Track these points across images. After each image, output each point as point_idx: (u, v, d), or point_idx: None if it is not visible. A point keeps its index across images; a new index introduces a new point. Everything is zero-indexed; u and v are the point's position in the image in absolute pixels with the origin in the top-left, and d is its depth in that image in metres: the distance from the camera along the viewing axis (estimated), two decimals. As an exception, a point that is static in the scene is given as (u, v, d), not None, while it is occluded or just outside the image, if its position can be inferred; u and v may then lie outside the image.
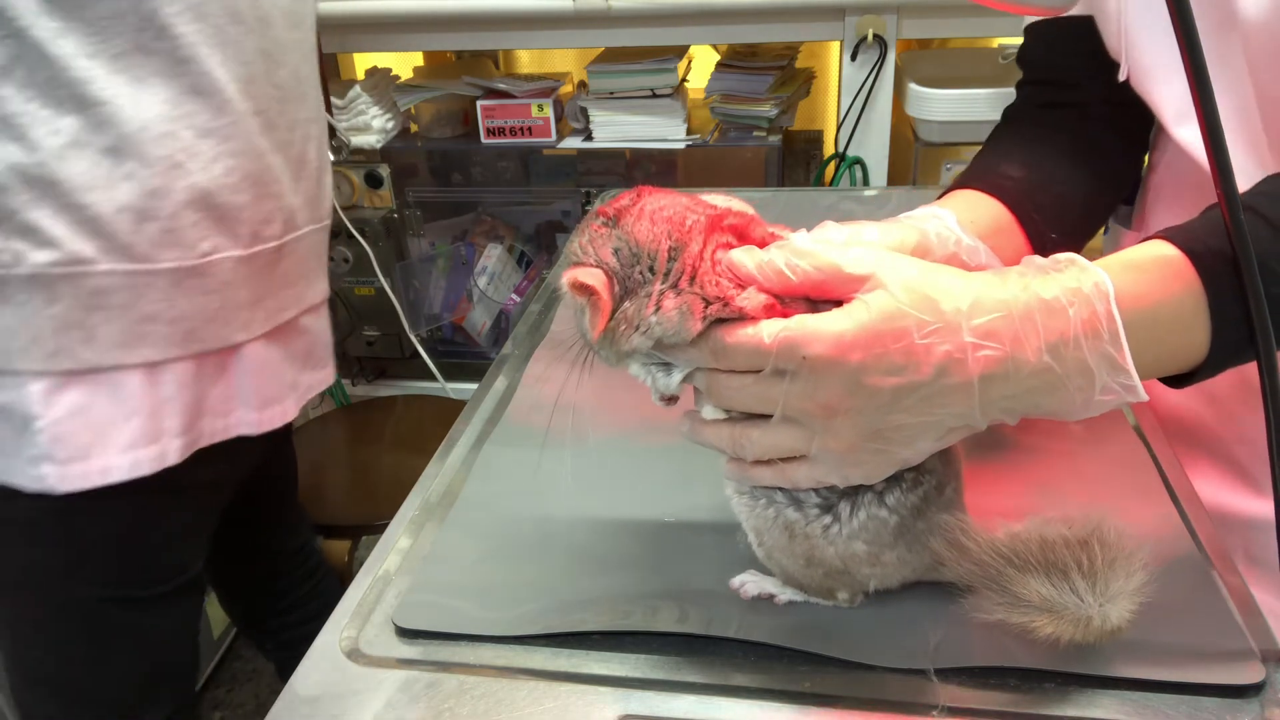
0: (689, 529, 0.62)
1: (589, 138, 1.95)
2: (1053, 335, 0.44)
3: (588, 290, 0.46)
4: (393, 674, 0.52)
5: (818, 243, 0.47)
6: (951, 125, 1.72)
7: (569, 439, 0.72)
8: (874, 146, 1.83)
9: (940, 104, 1.71)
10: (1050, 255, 0.47)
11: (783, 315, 0.46)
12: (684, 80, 1.95)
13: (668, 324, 0.47)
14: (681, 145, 1.91)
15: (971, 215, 0.62)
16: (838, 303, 0.45)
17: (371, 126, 2.01)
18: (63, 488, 0.88)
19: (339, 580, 1.42)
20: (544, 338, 0.89)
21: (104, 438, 0.89)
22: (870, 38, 1.70)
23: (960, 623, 0.50)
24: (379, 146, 2.04)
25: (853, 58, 1.74)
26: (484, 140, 2.01)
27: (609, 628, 0.54)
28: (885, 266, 0.45)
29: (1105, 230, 0.86)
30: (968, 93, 1.69)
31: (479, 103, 1.97)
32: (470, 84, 2.01)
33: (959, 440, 0.50)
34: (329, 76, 1.96)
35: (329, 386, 1.19)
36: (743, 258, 0.47)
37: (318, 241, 1.11)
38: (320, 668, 0.53)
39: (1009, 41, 1.86)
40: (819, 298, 0.46)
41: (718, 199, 0.51)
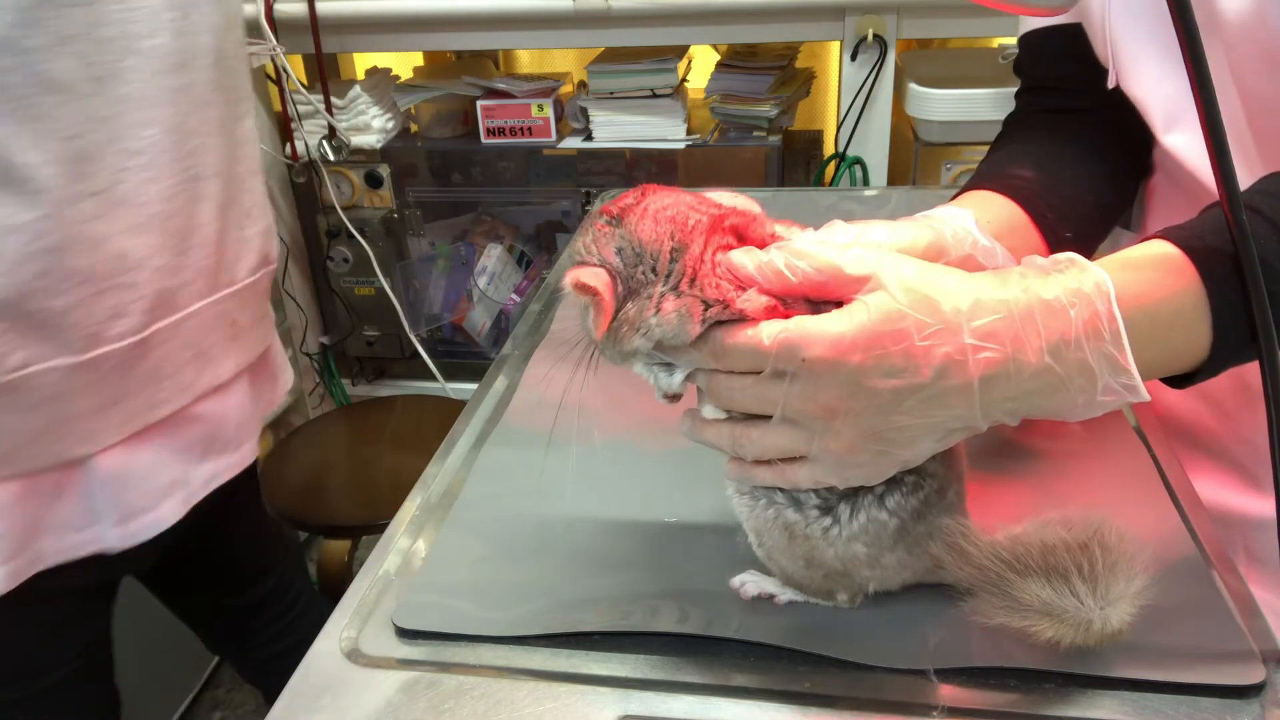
0: (689, 529, 0.62)
1: (589, 138, 1.95)
2: (1054, 336, 0.44)
3: (590, 291, 0.46)
4: (393, 674, 0.52)
5: (818, 243, 0.47)
6: (951, 125, 1.73)
7: (573, 438, 0.72)
8: (874, 146, 1.83)
9: (940, 104, 1.71)
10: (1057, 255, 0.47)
11: (784, 317, 0.46)
12: (684, 80, 1.95)
13: (667, 326, 0.47)
14: (681, 145, 1.91)
15: (986, 215, 0.62)
16: (839, 304, 0.45)
17: (371, 126, 2.01)
18: None
19: (327, 602, 1.34)
20: (544, 338, 0.88)
21: None
22: (870, 38, 1.70)
23: (960, 623, 0.50)
24: (379, 146, 2.04)
25: (853, 58, 1.74)
26: (484, 140, 2.01)
27: (609, 628, 0.53)
28: (885, 267, 0.45)
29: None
30: (968, 93, 1.69)
31: (479, 103, 1.97)
32: (470, 84, 2.01)
33: (961, 442, 0.50)
34: (329, 76, 1.96)
35: (257, 459, 1.04)
36: (742, 259, 0.47)
37: (225, 311, 0.96)
38: (320, 668, 0.53)
39: (1009, 41, 1.86)
40: (820, 299, 0.46)
41: (724, 196, 0.51)
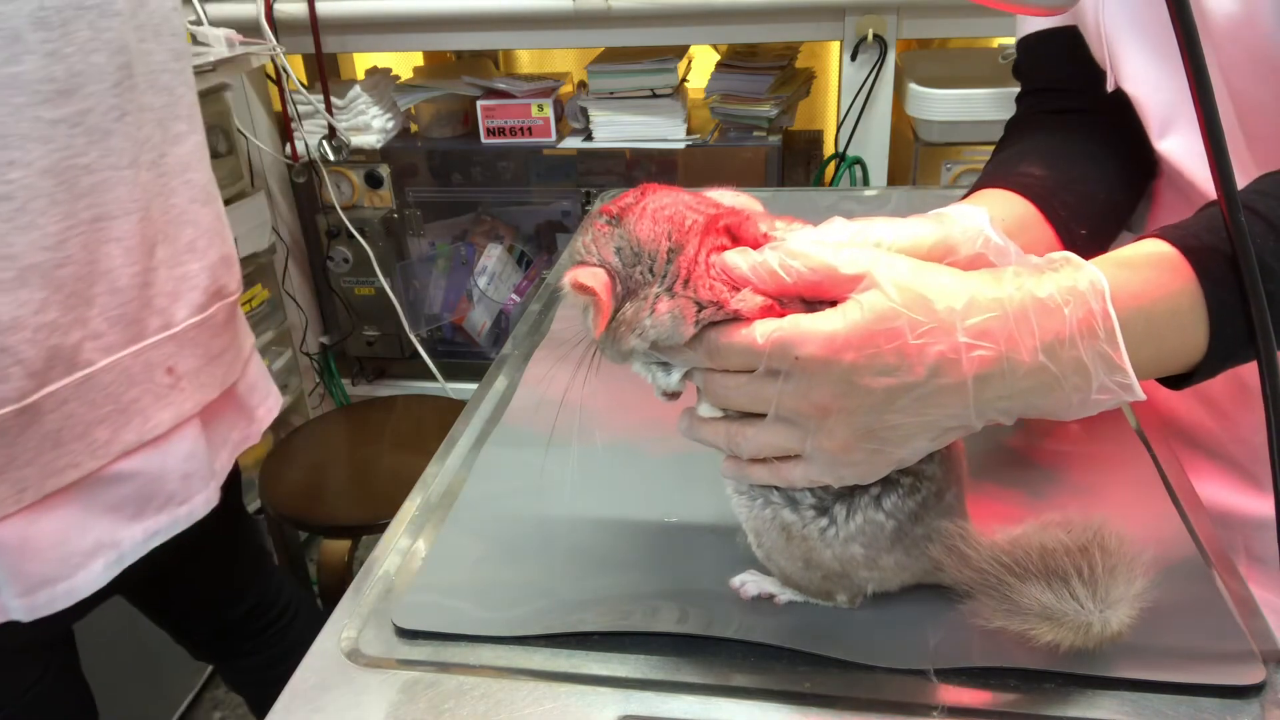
0: (689, 529, 0.62)
1: (589, 138, 1.95)
2: (1048, 334, 0.43)
3: (588, 291, 0.46)
4: (393, 674, 0.52)
5: (812, 243, 0.47)
6: (951, 125, 1.73)
7: (573, 439, 0.72)
8: (874, 146, 1.83)
9: (940, 104, 1.71)
10: (1076, 251, 0.47)
11: (779, 316, 0.46)
12: (684, 80, 1.95)
13: (661, 328, 0.47)
14: (681, 145, 1.91)
15: (998, 212, 0.62)
16: (834, 303, 0.45)
17: (371, 126, 2.01)
18: None
19: (317, 612, 1.36)
20: (544, 338, 0.88)
21: None
22: (870, 38, 1.71)
23: (960, 624, 0.50)
24: (379, 146, 2.04)
25: (853, 58, 1.74)
26: (484, 140, 2.01)
27: (609, 628, 0.53)
28: (879, 266, 0.44)
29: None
30: (968, 93, 1.70)
31: (479, 103, 1.98)
32: (470, 84, 2.01)
33: (958, 441, 0.50)
34: (329, 76, 1.96)
35: (211, 508, 0.97)
36: (737, 259, 0.47)
37: (157, 359, 0.88)
38: (320, 668, 0.53)
39: (1009, 41, 1.86)
40: (814, 298, 0.46)
41: (725, 195, 0.50)
